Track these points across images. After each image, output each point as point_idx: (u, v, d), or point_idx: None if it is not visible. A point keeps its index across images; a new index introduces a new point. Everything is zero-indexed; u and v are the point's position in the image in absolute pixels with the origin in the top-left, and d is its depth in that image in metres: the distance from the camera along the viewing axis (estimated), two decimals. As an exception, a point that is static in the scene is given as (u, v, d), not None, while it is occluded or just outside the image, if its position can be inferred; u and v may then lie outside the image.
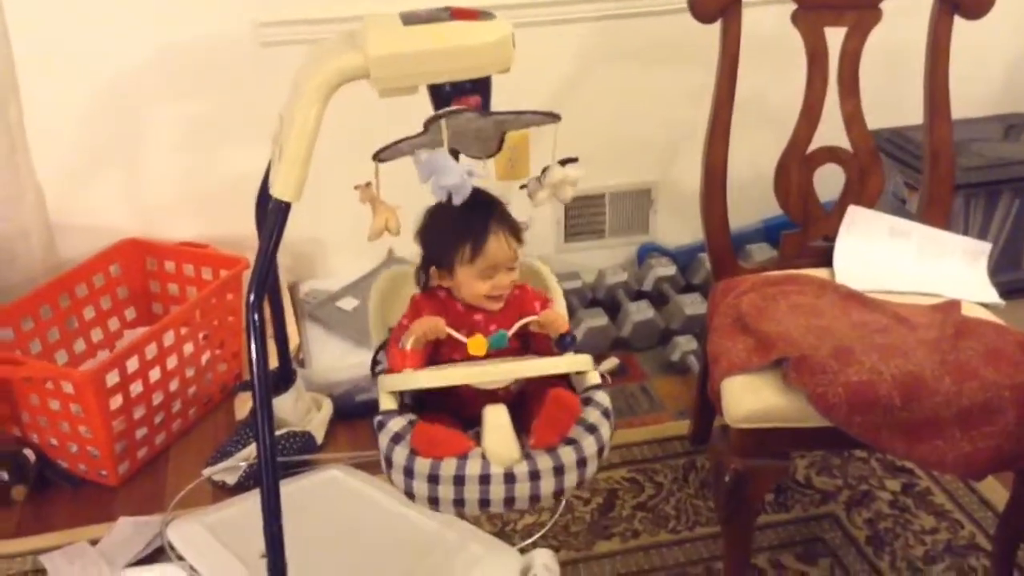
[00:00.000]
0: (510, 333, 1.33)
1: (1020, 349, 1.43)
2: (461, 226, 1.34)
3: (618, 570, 1.69)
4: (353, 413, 2.04)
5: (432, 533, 1.64)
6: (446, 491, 1.20)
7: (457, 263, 1.35)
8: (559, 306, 1.47)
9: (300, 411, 1.97)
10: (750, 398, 1.42)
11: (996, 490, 1.79)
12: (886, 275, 1.65)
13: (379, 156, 1.34)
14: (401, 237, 1.38)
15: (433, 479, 1.20)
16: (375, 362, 1.45)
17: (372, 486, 1.78)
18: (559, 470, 1.21)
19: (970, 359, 1.41)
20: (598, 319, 2.26)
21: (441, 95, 1.36)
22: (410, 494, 1.23)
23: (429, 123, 1.32)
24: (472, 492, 1.20)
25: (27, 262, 2.14)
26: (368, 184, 1.35)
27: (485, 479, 1.19)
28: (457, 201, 1.28)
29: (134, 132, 2.16)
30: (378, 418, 1.29)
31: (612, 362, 2.21)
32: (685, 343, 2.21)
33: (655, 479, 1.88)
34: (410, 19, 1.33)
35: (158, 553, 1.70)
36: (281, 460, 1.85)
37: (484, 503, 1.20)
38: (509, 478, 1.20)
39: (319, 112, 1.31)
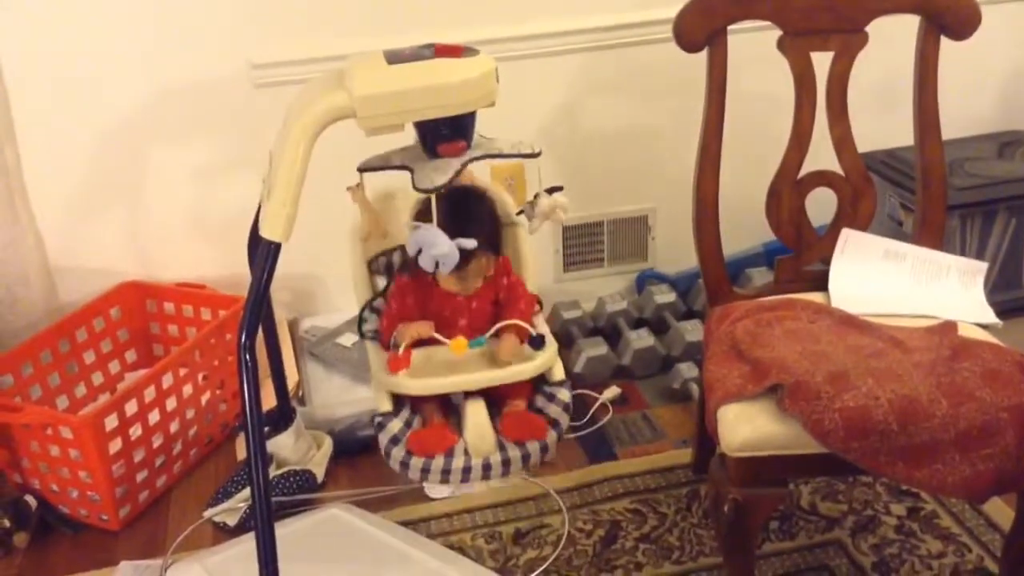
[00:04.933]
0: (487, 337, 1.50)
1: (1018, 369, 1.42)
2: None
3: (622, 603, 1.68)
4: (354, 450, 2.03)
5: (434, 571, 1.63)
6: (435, 477, 1.47)
7: None
8: (530, 277, 1.63)
9: (300, 449, 1.96)
10: (745, 426, 1.41)
11: (1003, 512, 1.77)
12: (881, 298, 1.64)
13: (364, 168, 1.47)
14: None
15: (425, 471, 1.47)
16: (361, 319, 1.62)
17: (373, 524, 1.77)
18: (526, 457, 1.49)
19: (967, 381, 1.40)
20: (598, 348, 2.26)
21: (427, 132, 1.37)
22: (404, 475, 1.49)
23: (427, 189, 1.36)
24: (456, 477, 1.47)
25: (27, 307, 2.15)
26: (359, 185, 1.52)
27: (467, 470, 1.46)
28: (444, 270, 1.44)
29: (132, 175, 2.18)
30: (377, 419, 1.49)
31: (613, 391, 2.21)
32: (686, 370, 2.20)
33: (658, 509, 1.87)
34: (394, 58, 1.35)
35: (159, 597, 1.70)
36: (282, 499, 1.86)
37: (465, 482, 1.48)
38: (486, 467, 1.47)
39: (306, 152, 1.32)
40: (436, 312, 1.53)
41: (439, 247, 1.39)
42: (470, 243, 1.43)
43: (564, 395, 1.53)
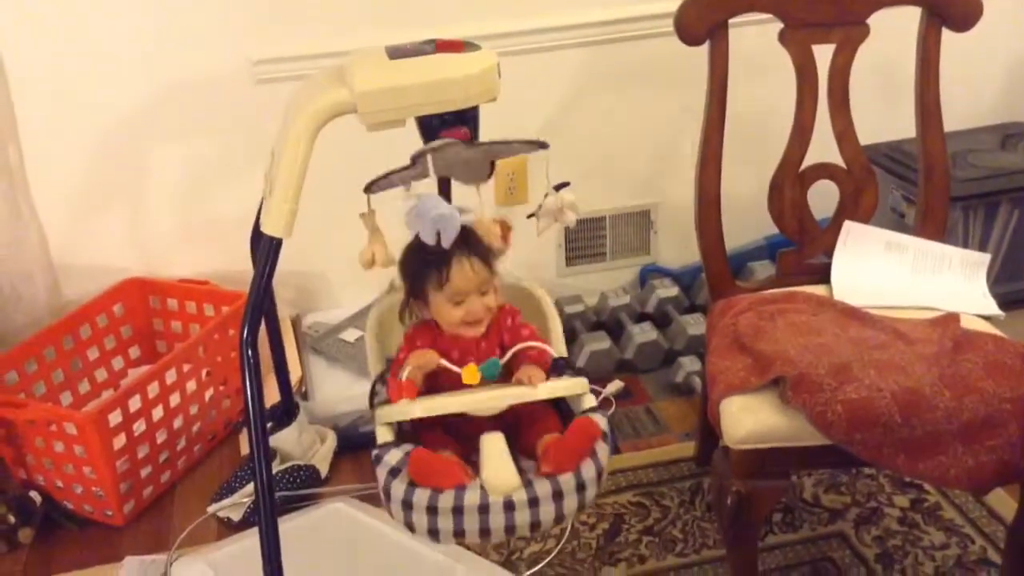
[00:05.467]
0: (502, 361, 1.34)
1: (1020, 361, 1.42)
2: (428, 254, 1.34)
3: (626, 596, 1.68)
4: (358, 444, 2.03)
5: (438, 564, 1.64)
6: (445, 522, 1.20)
7: (429, 291, 1.37)
8: (554, 332, 1.47)
9: (304, 444, 1.96)
10: (749, 418, 1.41)
11: (1006, 503, 1.77)
12: (884, 290, 1.64)
13: (370, 188, 1.36)
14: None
15: (432, 511, 1.20)
16: (373, 392, 1.45)
17: (377, 518, 1.77)
18: (558, 495, 1.21)
19: (970, 372, 1.40)
20: (601, 342, 2.26)
21: (429, 127, 1.37)
22: (410, 526, 1.23)
23: (417, 157, 1.33)
24: (472, 522, 1.19)
25: (31, 304, 2.15)
26: (372, 211, 1.38)
27: (484, 508, 1.19)
28: (446, 241, 1.30)
29: (134, 172, 2.18)
30: (375, 452, 1.30)
31: (616, 385, 2.21)
32: (689, 363, 2.20)
33: (661, 502, 1.87)
34: (396, 53, 1.34)
35: (164, 592, 1.70)
36: (285, 494, 1.86)
37: (484, 532, 1.19)
38: (508, 506, 1.19)
39: (307, 148, 1.32)
40: (445, 355, 1.37)
41: (439, 208, 1.29)
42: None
43: (601, 421, 1.29)
